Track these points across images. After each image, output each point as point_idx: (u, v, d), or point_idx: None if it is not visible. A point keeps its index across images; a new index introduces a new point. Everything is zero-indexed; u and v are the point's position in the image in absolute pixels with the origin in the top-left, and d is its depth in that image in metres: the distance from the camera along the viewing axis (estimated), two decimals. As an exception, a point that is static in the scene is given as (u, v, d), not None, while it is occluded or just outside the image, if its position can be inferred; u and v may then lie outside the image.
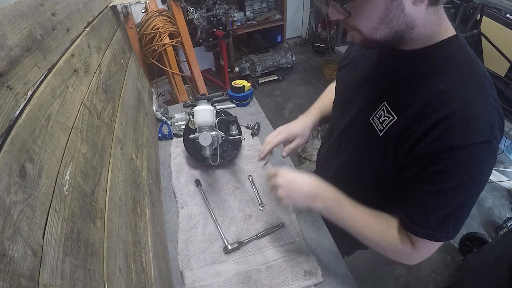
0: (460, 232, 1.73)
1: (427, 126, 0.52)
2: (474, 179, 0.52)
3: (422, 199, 0.56)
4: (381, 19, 0.49)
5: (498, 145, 0.52)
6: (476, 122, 0.49)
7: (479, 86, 0.52)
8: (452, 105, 0.50)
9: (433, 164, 0.52)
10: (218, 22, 2.70)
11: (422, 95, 0.53)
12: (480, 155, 0.50)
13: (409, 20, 0.49)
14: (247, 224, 0.94)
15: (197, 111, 0.92)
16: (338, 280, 0.81)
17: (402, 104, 0.56)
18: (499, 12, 2.62)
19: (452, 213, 0.55)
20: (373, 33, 0.51)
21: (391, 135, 0.58)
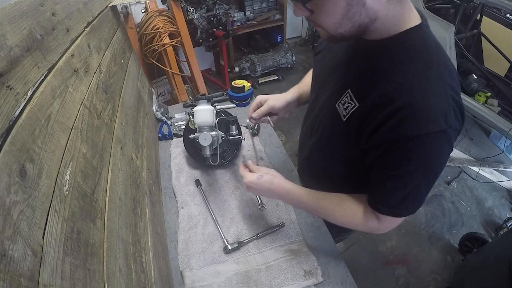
0: (460, 232, 1.75)
1: (384, 116, 0.55)
2: (430, 165, 0.57)
3: (384, 182, 0.62)
4: (343, 15, 0.50)
5: (455, 132, 0.55)
6: (430, 112, 0.52)
7: (436, 76, 0.54)
8: (408, 96, 0.53)
9: (391, 151, 0.57)
10: (218, 22, 2.70)
11: (381, 85, 0.56)
12: (434, 144, 0.54)
13: (371, 13, 0.51)
14: (247, 224, 0.94)
15: (197, 111, 0.92)
16: (338, 280, 0.81)
17: (364, 92, 0.59)
18: (499, 12, 2.62)
19: (410, 193, 0.60)
20: (336, 28, 0.53)
21: (353, 121, 0.62)
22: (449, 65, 0.56)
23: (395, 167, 0.58)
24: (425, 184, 0.60)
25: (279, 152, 1.21)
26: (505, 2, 2.09)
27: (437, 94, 0.53)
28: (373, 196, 0.65)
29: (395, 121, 0.53)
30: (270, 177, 0.77)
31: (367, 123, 0.58)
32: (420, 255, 1.90)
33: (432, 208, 2.17)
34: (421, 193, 0.61)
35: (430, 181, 0.60)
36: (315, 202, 0.74)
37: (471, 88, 2.67)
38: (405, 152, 0.55)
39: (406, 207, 0.62)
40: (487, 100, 2.63)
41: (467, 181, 2.39)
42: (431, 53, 0.55)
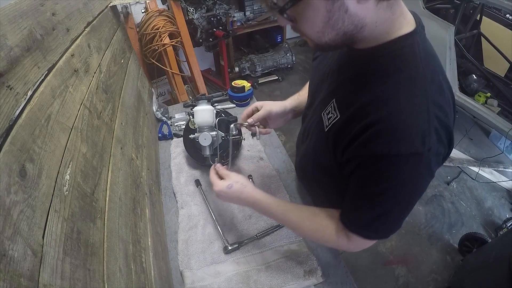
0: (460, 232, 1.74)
1: (357, 130, 0.52)
2: (401, 189, 0.52)
3: (353, 199, 0.59)
4: (325, 23, 0.47)
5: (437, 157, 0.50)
6: (404, 131, 0.48)
7: (419, 91, 0.49)
8: (383, 111, 0.49)
9: (360, 168, 0.54)
10: (218, 22, 2.70)
11: (361, 96, 0.53)
12: (407, 167, 0.49)
13: (356, 20, 0.47)
14: (247, 224, 0.94)
15: (197, 111, 0.92)
16: (338, 280, 0.81)
17: (345, 103, 0.57)
18: (499, 12, 2.63)
19: (380, 216, 0.56)
20: (320, 36, 0.50)
21: (332, 132, 0.59)
22: (438, 80, 0.51)
23: (365, 185, 0.55)
24: (397, 210, 0.55)
25: (279, 152, 1.21)
26: (505, 2, 2.09)
27: (416, 111, 0.48)
28: (345, 212, 0.62)
29: (368, 136, 0.50)
30: (240, 186, 0.73)
31: (344, 136, 0.55)
32: (420, 255, 1.90)
33: (431, 208, 2.17)
34: (392, 218, 0.56)
35: (404, 208, 0.55)
36: (284, 214, 0.71)
37: (470, 88, 2.67)
38: (375, 171, 0.52)
39: (376, 230, 0.58)
40: (487, 100, 2.63)
41: (466, 181, 2.39)
42: (418, 64, 0.50)
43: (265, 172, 1.11)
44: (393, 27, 0.51)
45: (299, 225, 0.70)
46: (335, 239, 0.65)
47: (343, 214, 0.63)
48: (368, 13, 0.47)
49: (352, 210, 0.60)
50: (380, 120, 0.49)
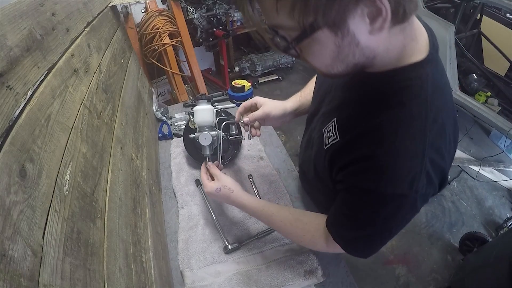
0: (460, 231, 1.74)
1: (351, 159, 0.52)
2: (383, 222, 0.53)
3: (339, 214, 0.61)
4: (334, 58, 0.44)
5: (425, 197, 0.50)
6: (394, 173, 0.48)
7: (417, 133, 0.47)
8: (377, 148, 0.49)
9: (348, 193, 0.56)
10: (218, 22, 2.70)
11: (361, 124, 0.52)
12: (391, 205, 0.50)
13: (367, 51, 0.44)
14: (247, 224, 0.94)
15: (197, 111, 0.92)
16: (338, 280, 0.81)
17: (346, 127, 0.56)
18: (499, 12, 2.62)
19: (361, 238, 0.58)
20: (329, 69, 0.48)
21: (330, 152, 0.59)
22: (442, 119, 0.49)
23: (350, 208, 0.57)
24: (378, 237, 0.57)
25: (279, 152, 1.21)
26: (505, 2, 2.09)
27: (410, 155, 0.47)
28: (330, 220, 0.64)
29: (359, 168, 0.51)
30: (227, 191, 0.76)
31: (339, 159, 0.56)
32: (421, 254, 1.90)
33: (432, 207, 2.17)
34: (372, 243, 0.58)
35: (385, 236, 0.56)
36: (268, 218, 0.74)
37: (471, 88, 2.67)
38: (360, 201, 0.53)
39: (356, 249, 0.60)
40: (487, 99, 2.63)
41: (467, 180, 2.39)
42: (423, 101, 0.47)
43: (265, 172, 1.11)
44: (404, 53, 0.47)
45: (282, 228, 0.73)
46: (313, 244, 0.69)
47: (329, 222, 0.64)
48: (380, 42, 0.44)
49: (337, 223, 0.62)
50: (373, 156, 0.49)
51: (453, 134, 0.53)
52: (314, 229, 0.67)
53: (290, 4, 0.38)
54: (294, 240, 0.75)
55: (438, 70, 0.51)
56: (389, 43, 0.45)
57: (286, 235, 0.75)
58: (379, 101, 0.51)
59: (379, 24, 0.39)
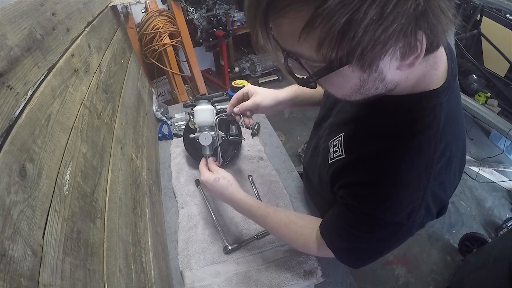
0: (460, 232, 1.75)
1: (353, 181, 0.53)
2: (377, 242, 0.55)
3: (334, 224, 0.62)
4: (355, 90, 0.41)
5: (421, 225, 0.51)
6: (393, 203, 0.48)
7: (423, 166, 0.46)
8: (380, 175, 0.49)
9: (347, 209, 0.56)
10: (218, 22, 2.70)
11: (367, 147, 0.52)
12: (387, 230, 0.52)
13: (390, 85, 0.41)
14: (247, 224, 0.94)
15: (197, 111, 0.92)
16: (338, 280, 0.81)
17: (352, 146, 0.56)
18: (499, 13, 2.62)
19: (353, 250, 0.59)
20: (346, 98, 0.44)
21: (333, 168, 0.60)
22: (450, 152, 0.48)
23: (347, 223, 0.57)
24: (371, 253, 0.58)
25: (279, 152, 1.21)
26: (505, 3, 2.09)
27: (412, 188, 0.47)
28: (324, 226, 0.65)
29: (359, 191, 0.52)
30: (227, 183, 0.75)
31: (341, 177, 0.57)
32: (420, 255, 1.90)
33: (432, 208, 2.17)
34: (365, 256, 0.59)
35: (377, 253, 0.58)
36: (262, 218, 0.73)
37: (471, 88, 2.67)
38: (357, 220, 0.54)
39: (347, 258, 0.62)
40: (487, 100, 2.63)
41: (467, 181, 2.39)
42: (434, 134, 0.46)
43: (265, 172, 1.11)
44: (422, 81, 0.45)
45: (276, 230, 0.73)
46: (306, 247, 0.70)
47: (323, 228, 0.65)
48: (403, 75, 0.41)
49: (331, 231, 0.62)
50: (375, 183, 0.49)
51: (460, 165, 0.53)
52: (308, 233, 0.68)
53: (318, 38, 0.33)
54: (288, 242, 0.75)
55: (453, 98, 0.49)
56: (411, 73, 0.42)
57: (280, 237, 0.75)
58: (389, 126, 0.49)
59: (411, 61, 0.36)
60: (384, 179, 0.48)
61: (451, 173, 0.50)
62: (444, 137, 0.47)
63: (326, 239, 0.63)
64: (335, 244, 0.61)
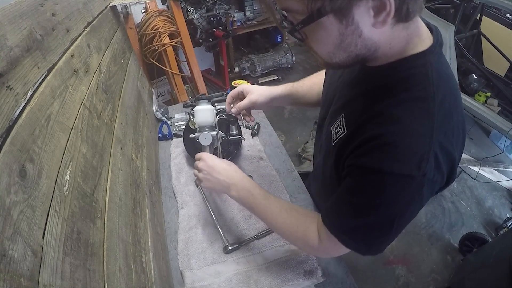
0: (460, 232, 1.75)
1: (356, 143, 0.51)
2: (385, 208, 0.50)
3: (339, 202, 0.57)
4: (337, 45, 0.46)
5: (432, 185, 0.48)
6: (401, 151, 0.46)
7: (423, 113, 0.46)
8: (383, 127, 0.48)
9: (352, 176, 0.53)
10: (218, 22, 2.70)
11: (366, 112, 0.52)
12: (397, 187, 0.48)
13: (370, 43, 0.46)
14: (247, 224, 0.94)
15: (197, 111, 0.92)
16: (338, 280, 0.81)
17: (352, 119, 0.56)
18: (499, 12, 2.63)
19: (361, 227, 0.54)
20: (331, 57, 0.49)
21: (337, 147, 0.58)
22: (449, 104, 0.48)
23: (351, 193, 0.54)
24: (379, 228, 0.53)
25: (279, 152, 1.21)
26: (505, 2, 2.09)
27: (418, 134, 0.46)
28: (327, 211, 0.60)
29: (364, 149, 0.49)
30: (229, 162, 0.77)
31: (345, 150, 0.55)
32: (420, 255, 1.90)
33: (432, 208, 2.17)
34: (373, 235, 0.54)
35: (386, 229, 0.52)
36: (265, 199, 0.70)
37: (471, 88, 2.67)
38: (364, 182, 0.51)
39: (355, 238, 0.56)
40: (487, 100, 2.63)
41: (467, 181, 2.39)
42: (429, 86, 0.47)
43: (265, 172, 1.11)
44: (407, 47, 0.49)
45: (275, 215, 0.68)
46: (304, 236, 0.64)
47: (325, 214, 0.61)
48: (382, 36, 0.45)
49: (336, 212, 0.58)
50: (379, 135, 0.48)
51: (462, 123, 0.51)
52: (309, 222, 0.64)
53: None
54: (286, 232, 0.69)
55: (442, 62, 0.51)
56: (392, 39, 0.46)
57: (279, 225, 0.69)
58: (384, 90, 0.51)
59: (382, 18, 0.41)
60: (386, 130, 0.47)
61: (454, 126, 0.49)
62: (440, 90, 0.47)
63: (329, 224, 0.58)
64: (339, 226, 0.57)
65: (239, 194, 0.72)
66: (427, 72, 0.48)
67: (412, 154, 0.46)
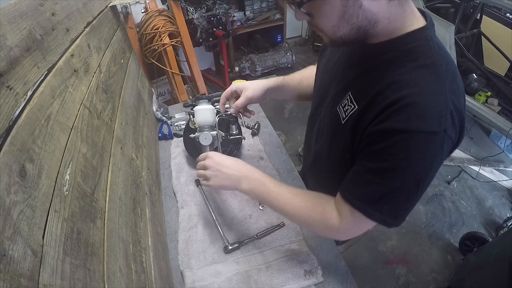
0: (460, 231, 1.75)
1: (376, 112, 0.52)
2: (412, 167, 0.51)
3: (361, 173, 0.57)
4: (340, 17, 0.50)
5: (450, 141, 0.51)
6: (422, 110, 0.49)
7: (434, 76, 0.51)
8: (402, 91, 0.50)
9: (375, 142, 0.53)
10: (218, 22, 2.70)
11: (378, 85, 0.54)
12: (422, 144, 0.49)
13: (369, 15, 0.50)
14: (247, 224, 0.94)
15: (197, 111, 0.92)
16: (338, 280, 0.81)
17: (362, 94, 0.58)
18: (499, 12, 2.62)
19: (387, 195, 0.54)
20: (335, 31, 0.53)
21: (349, 123, 0.59)
22: (452, 70, 0.53)
23: (375, 160, 0.54)
24: (405, 192, 0.53)
25: (279, 152, 1.21)
26: (505, 2, 2.09)
27: (434, 93, 0.49)
28: (347, 187, 0.59)
29: (386, 115, 0.51)
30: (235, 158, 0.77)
31: (362, 123, 0.56)
32: (420, 254, 1.90)
33: (432, 207, 2.17)
34: (399, 201, 0.54)
35: (411, 192, 0.53)
36: (277, 187, 0.70)
37: (471, 88, 2.67)
38: (389, 145, 0.51)
39: (380, 209, 0.55)
40: (487, 99, 2.63)
41: (467, 180, 2.39)
42: (432, 55, 0.52)
43: (265, 172, 1.11)
44: (405, 23, 0.54)
45: (289, 201, 0.68)
46: (322, 218, 0.63)
47: (346, 190, 0.59)
48: (380, 9, 0.50)
49: (357, 184, 0.57)
50: (400, 99, 0.50)
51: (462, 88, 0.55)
52: (325, 202, 0.64)
53: None
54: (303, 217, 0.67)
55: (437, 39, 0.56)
56: (389, 13, 0.51)
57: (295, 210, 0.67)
58: (391, 63, 0.54)
59: None
60: (406, 92, 0.50)
61: (459, 88, 0.53)
62: (442, 59, 0.52)
63: (351, 199, 0.57)
64: (363, 199, 0.56)
65: (251, 186, 0.72)
66: (429, 44, 0.53)
67: (433, 111, 0.49)
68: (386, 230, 1.97)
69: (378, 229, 1.99)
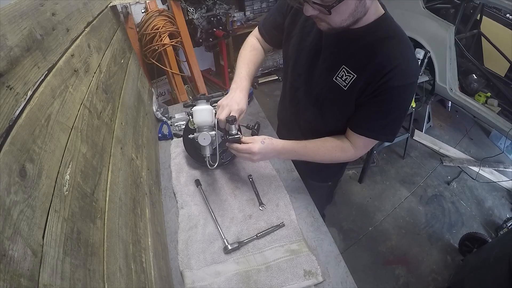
0: (460, 232, 1.77)
1: (379, 77, 0.74)
2: (403, 104, 0.79)
3: (369, 114, 0.82)
4: (351, 14, 0.66)
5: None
6: (409, 70, 0.74)
7: (407, 47, 0.75)
8: (395, 62, 0.72)
9: (379, 95, 0.76)
10: (218, 22, 2.70)
11: (373, 57, 0.74)
12: (409, 90, 0.77)
13: (366, 9, 0.68)
14: (247, 224, 0.94)
15: (196, 111, 0.92)
16: (338, 280, 0.81)
17: (359, 65, 0.77)
18: (499, 12, 2.62)
19: (388, 123, 0.82)
20: (341, 24, 0.68)
21: (353, 88, 0.79)
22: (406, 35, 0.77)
23: (380, 106, 0.78)
24: (398, 119, 0.82)
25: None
26: (505, 2, 2.09)
27: (411, 59, 0.76)
28: (360, 125, 0.84)
29: (387, 78, 0.73)
30: (269, 140, 0.88)
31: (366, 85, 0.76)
32: (420, 255, 1.90)
33: (432, 208, 2.17)
34: (395, 124, 0.83)
35: (402, 117, 0.83)
36: (304, 147, 0.90)
37: (471, 88, 2.66)
38: (390, 96, 0.76)
39: (385, 133, 0.83)
40: (487, 100, 2.63)
41: (467, 181, 2.39)
42: (399, 31, 0.75)
43: (265, 172, 1.11)
44: (376, 11, 0.73)
45: (316, 150, 0.90)
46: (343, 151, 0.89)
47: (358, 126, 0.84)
48: (368, 3, 0.67)
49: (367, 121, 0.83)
50: (394, 67, 0.72)
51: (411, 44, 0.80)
52: (340, 141, 0.89)
53: None
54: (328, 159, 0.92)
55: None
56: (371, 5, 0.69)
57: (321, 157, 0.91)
58: (377, 41, 0.74)
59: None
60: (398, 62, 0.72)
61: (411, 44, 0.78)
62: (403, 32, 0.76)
63: (365, 131, 0.83)
64: (373, 129, 0.82)
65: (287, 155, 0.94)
66: (395, 23, 0.76)
67: (413, 69, 0.76)
68: (386, 231, 1.97)
69: (378, 229, 2.00)
